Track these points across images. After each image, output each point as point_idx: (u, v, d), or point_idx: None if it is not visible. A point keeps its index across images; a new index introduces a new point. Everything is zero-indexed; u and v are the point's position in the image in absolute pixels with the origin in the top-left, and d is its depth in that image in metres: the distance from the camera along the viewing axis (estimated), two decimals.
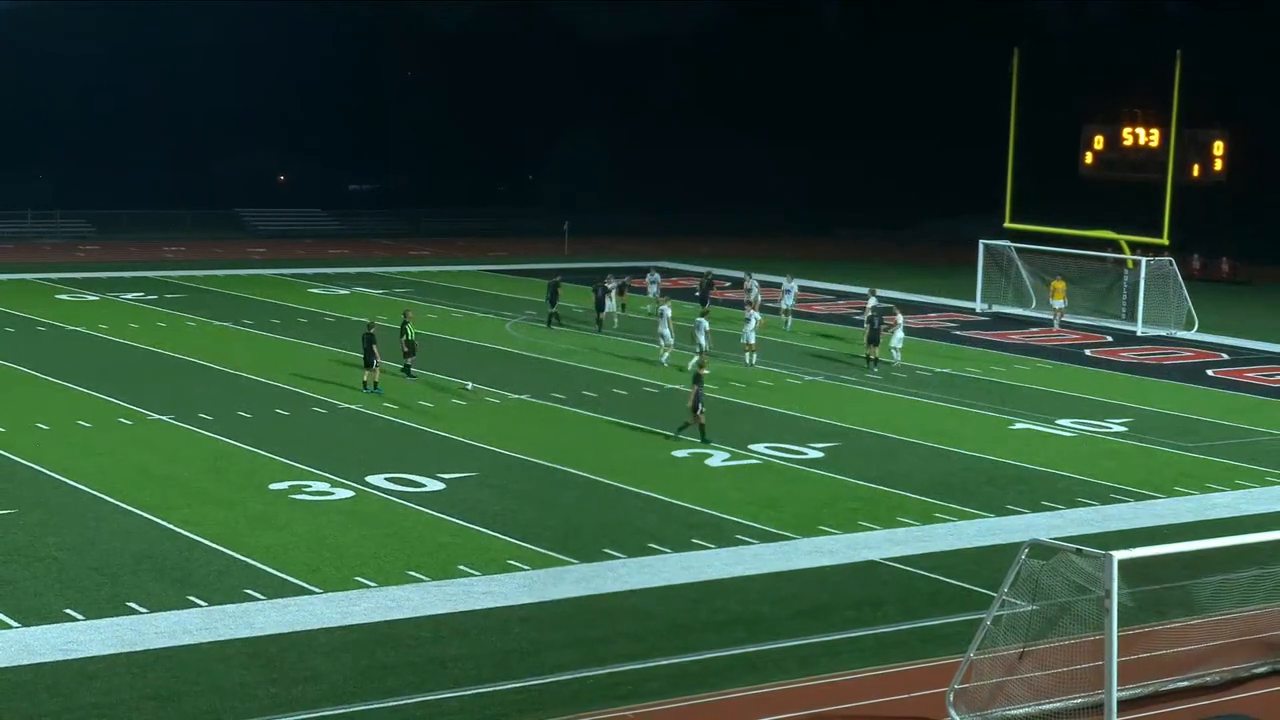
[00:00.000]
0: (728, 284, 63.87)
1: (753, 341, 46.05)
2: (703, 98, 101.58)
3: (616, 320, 53.80)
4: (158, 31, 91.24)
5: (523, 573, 25.65)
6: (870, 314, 48.17)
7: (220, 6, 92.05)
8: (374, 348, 40.08)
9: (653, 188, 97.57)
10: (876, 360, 46.30)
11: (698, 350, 44.64)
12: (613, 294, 53.80)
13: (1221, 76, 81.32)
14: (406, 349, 42.08)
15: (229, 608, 23.35)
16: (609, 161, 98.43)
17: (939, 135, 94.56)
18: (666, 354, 46.11)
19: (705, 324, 46.12)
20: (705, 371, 37.26)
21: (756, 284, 57.12)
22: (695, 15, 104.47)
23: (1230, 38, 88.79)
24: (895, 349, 47.23)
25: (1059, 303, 58.05)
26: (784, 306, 54.79)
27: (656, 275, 58.79)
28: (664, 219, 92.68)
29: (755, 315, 46.86)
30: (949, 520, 29.82)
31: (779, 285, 56.47)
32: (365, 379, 40.25)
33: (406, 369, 42.13)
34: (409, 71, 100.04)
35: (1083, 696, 19.75)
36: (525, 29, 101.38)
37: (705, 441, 35.07)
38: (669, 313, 46.84)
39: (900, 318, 48.81)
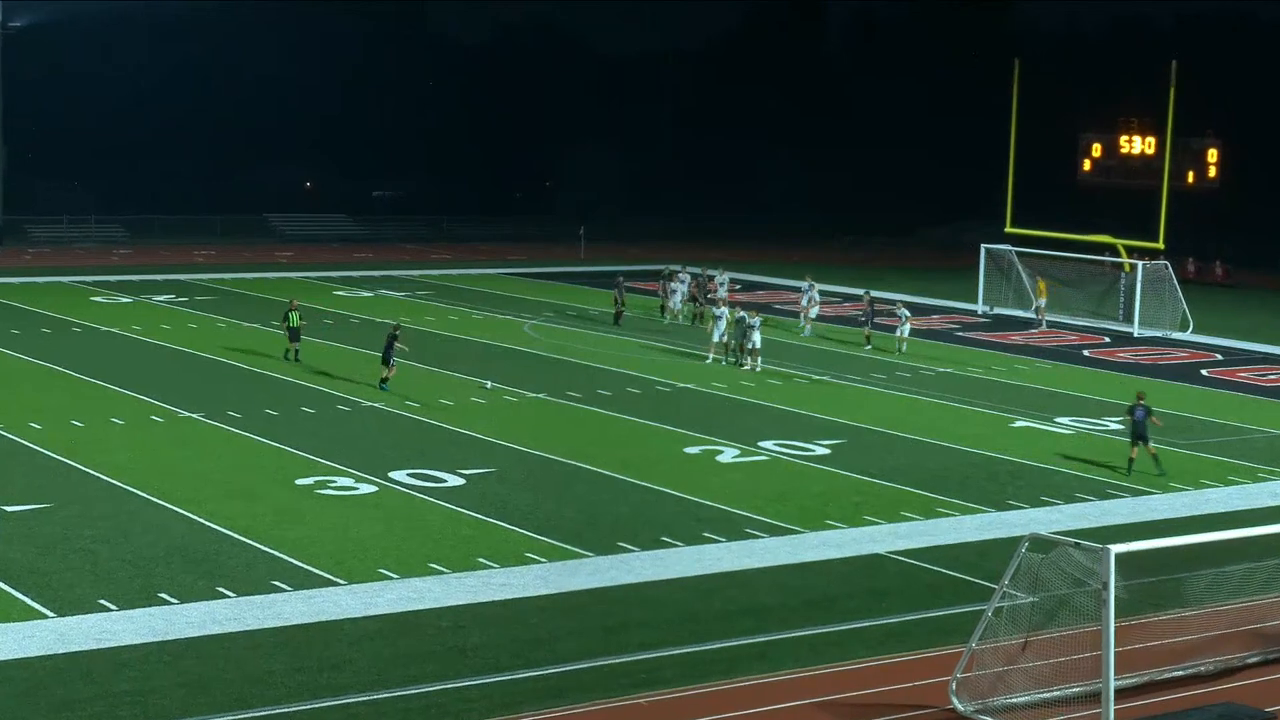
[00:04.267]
0: (740, 286, 64.45)
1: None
2: (712, 109, 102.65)
3: (680, 316, 55.25)
4: (191, 47, 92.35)
5: (540, 565, 25.89)
6: (866, 305, 52.42)
7: (253, 24, 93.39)
8: (394, 345, 40.88)
9: (664, 195, 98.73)
10: (869, 339, 50.74)
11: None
12: (682, 291, 55.96)
13: (1215, 88, 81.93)
14: (290, 335, 44.15)
15: (257, 598, 23.59)
16: (622, 170, 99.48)
17: (942, 145, 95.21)
18: (714, 356, 46.86)
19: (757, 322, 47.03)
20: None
21: (728, 279, 58.78)
22: (704, 30, 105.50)
23: (1223, 50, 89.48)
24: (902, 339, 49.95)
25: (1041, 300, 58.91)
26: (803, 306, 55.35)
27: (686, 276, 57.89)
28: (675, 225, 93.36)
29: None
30: (951, 515, 30.09)
31: (797, 288, 57.20)
32: (383, 376, 41.02)
33: (288, 353, 44.20)
34: (431, 84, 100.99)
35: (1081, 685, 19.86)
36: (542, 44, 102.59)
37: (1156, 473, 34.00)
38: (728, 314, 47.67)
39: (906, 313, 50.98)
